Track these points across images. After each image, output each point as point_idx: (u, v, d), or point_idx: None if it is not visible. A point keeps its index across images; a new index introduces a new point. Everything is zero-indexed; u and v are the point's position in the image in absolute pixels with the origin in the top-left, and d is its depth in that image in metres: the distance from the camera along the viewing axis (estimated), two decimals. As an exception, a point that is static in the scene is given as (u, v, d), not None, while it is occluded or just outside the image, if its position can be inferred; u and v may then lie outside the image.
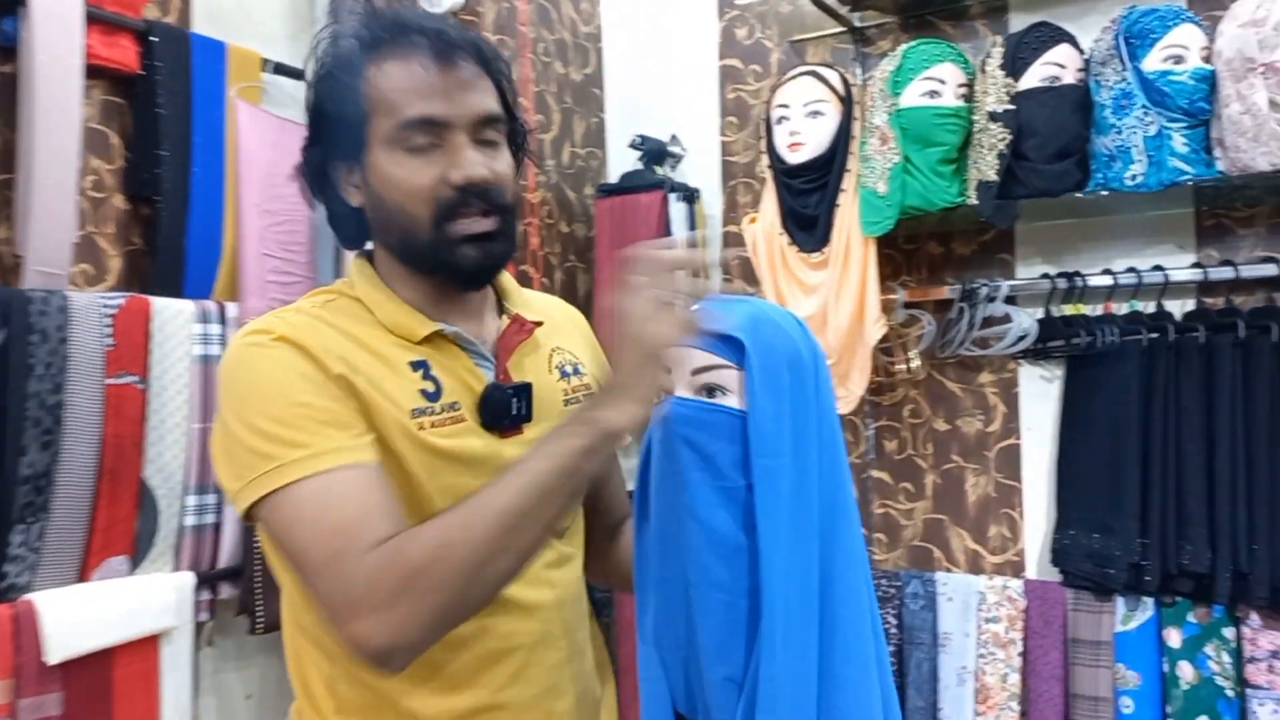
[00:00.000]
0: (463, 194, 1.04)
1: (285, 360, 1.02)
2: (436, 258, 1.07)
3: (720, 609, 0.95)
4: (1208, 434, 1.91)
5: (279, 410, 0.99)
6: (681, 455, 0.96)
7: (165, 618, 1.95)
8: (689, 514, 0.96)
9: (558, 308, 1.33)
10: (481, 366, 1.12)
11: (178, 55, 2.04)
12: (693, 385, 0.98)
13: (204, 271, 2.11)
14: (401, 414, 1.04)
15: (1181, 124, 1.77)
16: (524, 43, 2.40)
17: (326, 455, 0.97)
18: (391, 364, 1.07)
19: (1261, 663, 1.88)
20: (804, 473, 0.96)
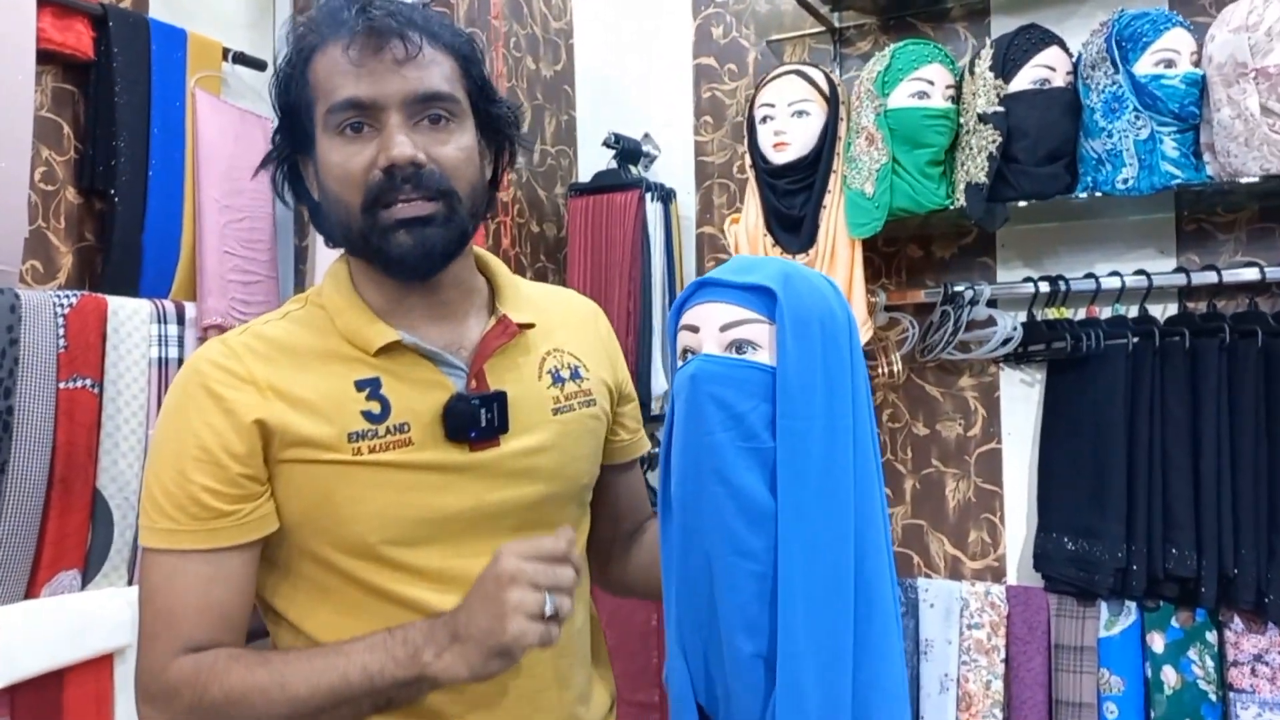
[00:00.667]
0: (390, 177, 0.99)
1: (196, 419, 1.00)
2: (369, 246, 1.03)
3: (749, 580, 0.91)
4: (1193, 437, 1.90)
5: (168, 475, 1.00)
6: (709, 415, 0.92)
7: (119, 635, 1.85)
8: (716, 478, 0.91)
9: (567, 303, 1.26)
10: (452, 376, 1.06)
11: (136, 42, 1.95)
12: (721, 341, 0.94)
13: (162, 269, 2.02)
14: (334, 438, 1.01)
15: (1172, 128, 1.76)
16: (495, 36, 2.33)
17: (188, 536, 0.99)
18: (334, 385, 1.03)
19: (1245, 666, 1.88)
20: (837, 437, 0.92)
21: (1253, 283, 1.93)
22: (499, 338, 1.10)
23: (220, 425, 0.99)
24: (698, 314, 0.97)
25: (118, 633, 1.85)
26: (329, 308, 1.08)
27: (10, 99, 1.71)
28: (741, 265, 0.97)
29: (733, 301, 0.94)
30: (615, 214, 2.35)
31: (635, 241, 2.33)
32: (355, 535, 1.02)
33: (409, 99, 1.01)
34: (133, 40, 1.95)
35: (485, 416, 1.05)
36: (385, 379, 1.04)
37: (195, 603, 0.98)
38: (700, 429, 0.92)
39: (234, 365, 1.02)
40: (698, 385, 0.93)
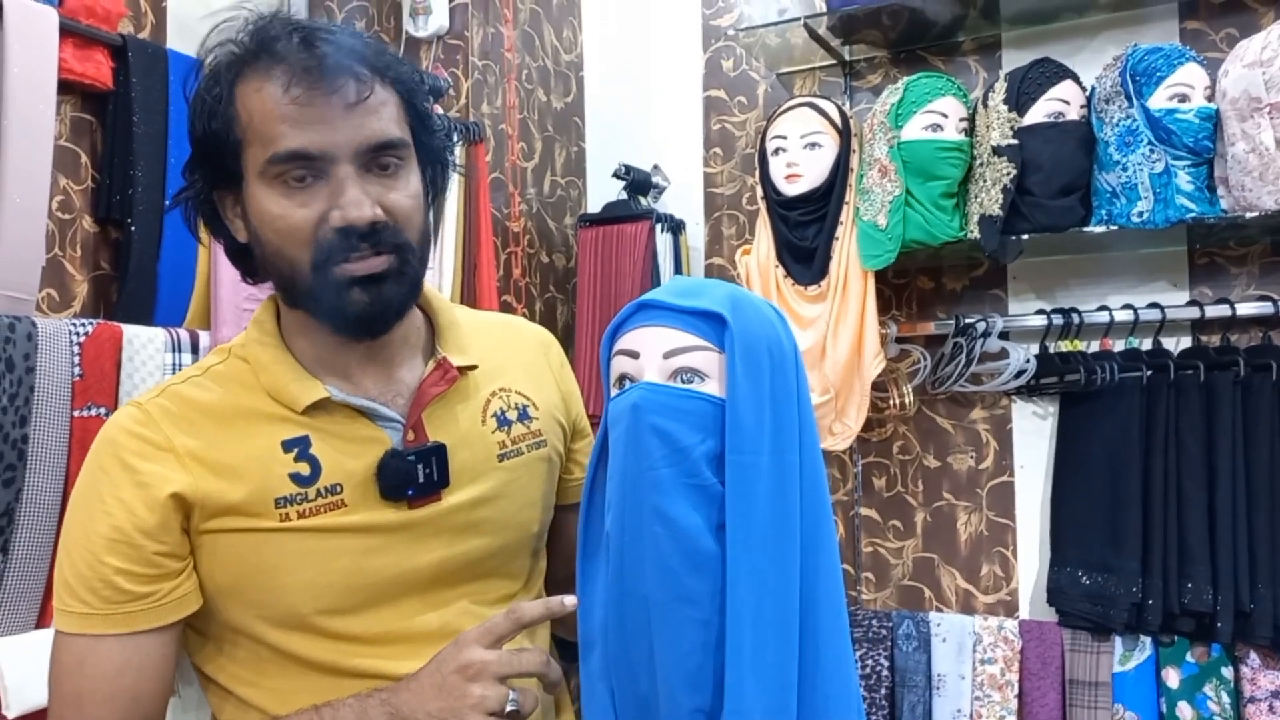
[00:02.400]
0: (345, 236, 0.91)
1: (109, 495, 0.93)
2: (321, 304, 0.94)
3: (692, 627, 0.84)
4: (1208, 471, 1.90)
5: (80, 556, 0.93)
6: (651, 449, 0.85)
7: (128, 666, 1.83)
8: (657, 517, 0.84)
9: (515, 335, 1.18)
10: (388, 429, 0.99)
11: (154, 72, 1.96)
12: (664, 369, 0.88)
13: (176, 298, 2.02)
14: (260, 505, 0.94)
15: (1186, 162, 1.77)
16: (509, 69, 2.35)
17: (101, 620, 0.92)
18: (259, 447, 0.96)
19: (1262, 703, 1.87)
20: (785, 472, 0.87)
21: (1266, 316, 1.93)
22: (437, 385, 1.02)
23: (133, 501, 0.92)
24: (638, 338, 0.90)
25: (126, 663, 1.83)
26: (252, 361, 1.00)
27: (32, 130, 1.72)
28: (684, 287, 0.91)
29: (678, 326, 0.88)
30: (625, 245, 2.36)
31: (645, 272, 2.34)
32: (286, 606, 0.95)
33: (361, 148, 0.92)
34: (151, 70, 1.96)
35: (423, 472, 0.98)
36: (315, 437, 0.97)
37: (105, 689, 0.92)
38: (641, 463, 0.86)
39: (149, 433, 0.95)
40: (640, 416, 0.86)
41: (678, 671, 0.84)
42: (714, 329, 0.88)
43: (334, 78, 0.90)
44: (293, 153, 0.90)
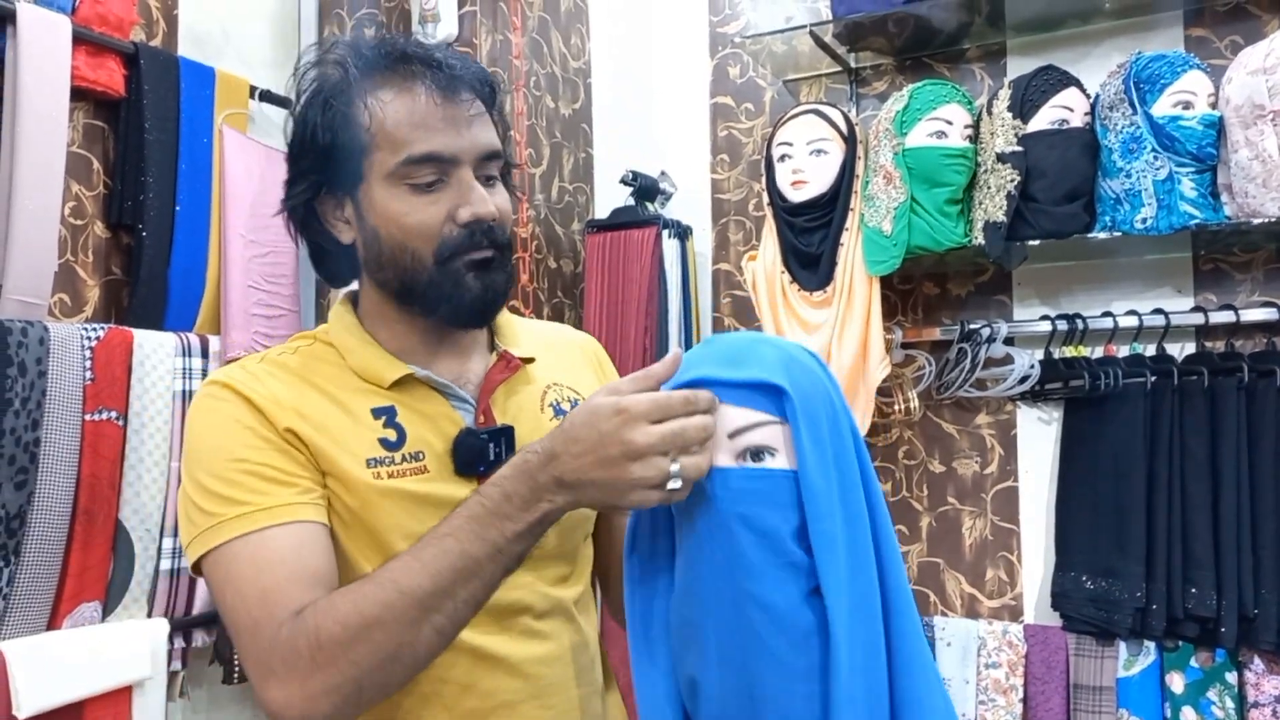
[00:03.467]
0: (469, 232, 1.02)
1: (232, 414, 1.01)
2: (439, 293, 1.04)
3: (803, 703, 0.83)
4: (1212, 476, 1.91)
5: (220, 466, 0.99)
6: (739, 538, 0.84)
7: (138, 668, 1.85)
8: (755, 604, 0.83)
9: (565, 338, 1.28)
10: (460, 410, 1.08)
11: (166, 80, 1.98)
12: (732, 449, 0.86)
13: (187, 303, 2.04)
14: (355, 464, 1.02)
15: (1190, 169, 1.78)
16: (516, 75, 2.37)
17: (264, 513, 0.97)
18: (352, 413, 1.04)
19: (1265, 708, 1.87)
20: (856, 530, 0.85)
21: (1270, 322, 1.94)
22: (502, 372, 1.12)
23: (259, 423, 1.00)
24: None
25: (137, 665, 1.85)
26: (339, 346, 1.10)
27: (45, 137, 1.74)
28: (730, 355, 0.89)
29: (739, 403, 0.86)
30: (632, 250, 2.37)
31: (652, 278, 2.35)
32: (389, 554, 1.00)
33: (480, 155, 1.03)
34: (163, 78, 1.98)
35: (494, 450, 1.05)
36: (400, 409, 1.06)
37: (286, 572, 0.94)
38: (731, 554, 0.84)
39: (256, 385, 1.03)
40: (720, 507, 0.85)
41: None
42: (772, 398, 0.86)
43: (459, 91, 1.02)
44: (427, 155, 1.01)
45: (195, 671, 2.11)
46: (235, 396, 1.02)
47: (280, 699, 0.91)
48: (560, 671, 1.10)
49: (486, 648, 1.04)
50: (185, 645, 2.02)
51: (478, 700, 1.04)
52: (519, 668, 1.06)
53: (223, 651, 2.05)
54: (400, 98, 1.01)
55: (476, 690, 1.03)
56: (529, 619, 1.08)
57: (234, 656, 2.02)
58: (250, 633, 0.93)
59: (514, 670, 1.06)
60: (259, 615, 0.93)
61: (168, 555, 1.95)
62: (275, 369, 1.06)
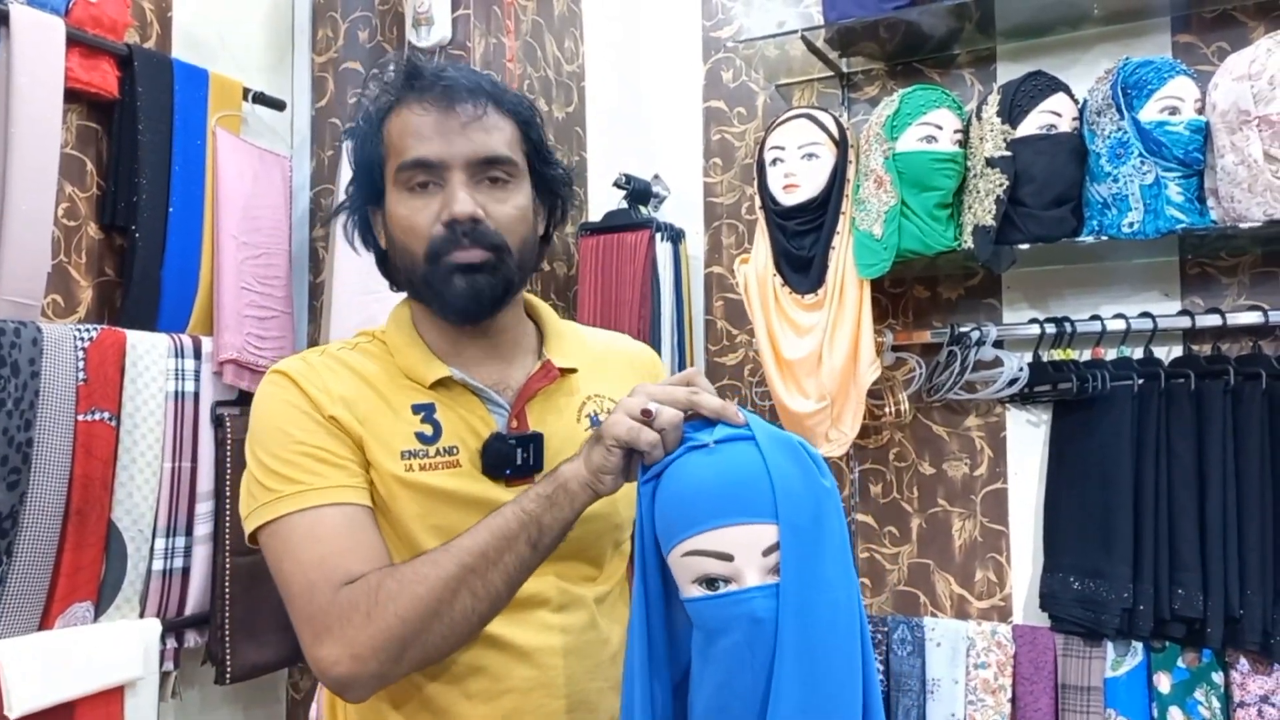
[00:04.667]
0: (451, 230, 1.08)
1: (290, 399, 1.10)
2: (431, 290, 1.11)
3: None
4: (1199, 478, 1.92)
5: (280, 447, 1.07)
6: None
7: (130, 668, 1.86)
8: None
9: (618, 348, 1.32)
10: (495, 414, 1.14)
11: (160, 82, 1.99)
12: (765, 566, 0.88)
13: (179, 304, 2.05)
14: (389, 455, 1.09)
15: (1176, 173, 1.80)
16: (510, 79, 2.38)
17: (318, 492, 1.05)
18: (393, 406, 1.12)
19: (1251, 707, 1.89)
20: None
21: (1256, 326, 1.95)
22: (541, 380, 1.17)
23: (310, 408, 1.09)
24: (727, 540, 0.89)
25: (129, 665, 1.86)
26: (390, 344, 1.17)
27: (39, 139, 1.75)
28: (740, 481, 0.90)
29: (762, 520, 0.88)
30: (625, 253, 2.39)
31: (645, 280, 2.36)
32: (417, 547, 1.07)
33: (472, 160, 1.09)
34: (156, 80, 1.99)
35: (521, 456, 1.11)
36: (439, 406, 1.13)
37: (343, 544, 1.03)
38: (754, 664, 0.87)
39: (310, 374, 1.11)
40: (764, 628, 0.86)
41: None
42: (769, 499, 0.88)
43: (454, 100, 1.09)
44: (416, 160, 1.09)
45: (188, 672, 2.12)
46: (291, 384, 1.10)
47: (330, 656, 0.98)
48: (574, 664, 1.14)
49: (502, 635, 1.09)
50: (178, 645, 2.03)
51: (488, 683, 1.09)
52: (532, 656, 1.11)
53: (215, 652, 2.05)
54: (405, 110, 1.11)
55: (487, 673, 1.09)
56: (546, 612, 1.13)
57: (226, 657, 2.02)
58: (306, 595, 1.01)
59: (526, 658, 1.10)
60: (315, 577, 1.01)
61: (160, 556, 1.95)
62: (332, 362, 1.14)
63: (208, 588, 2.05)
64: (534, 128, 1.16)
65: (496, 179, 1.11)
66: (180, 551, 1.99)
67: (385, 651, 0.97)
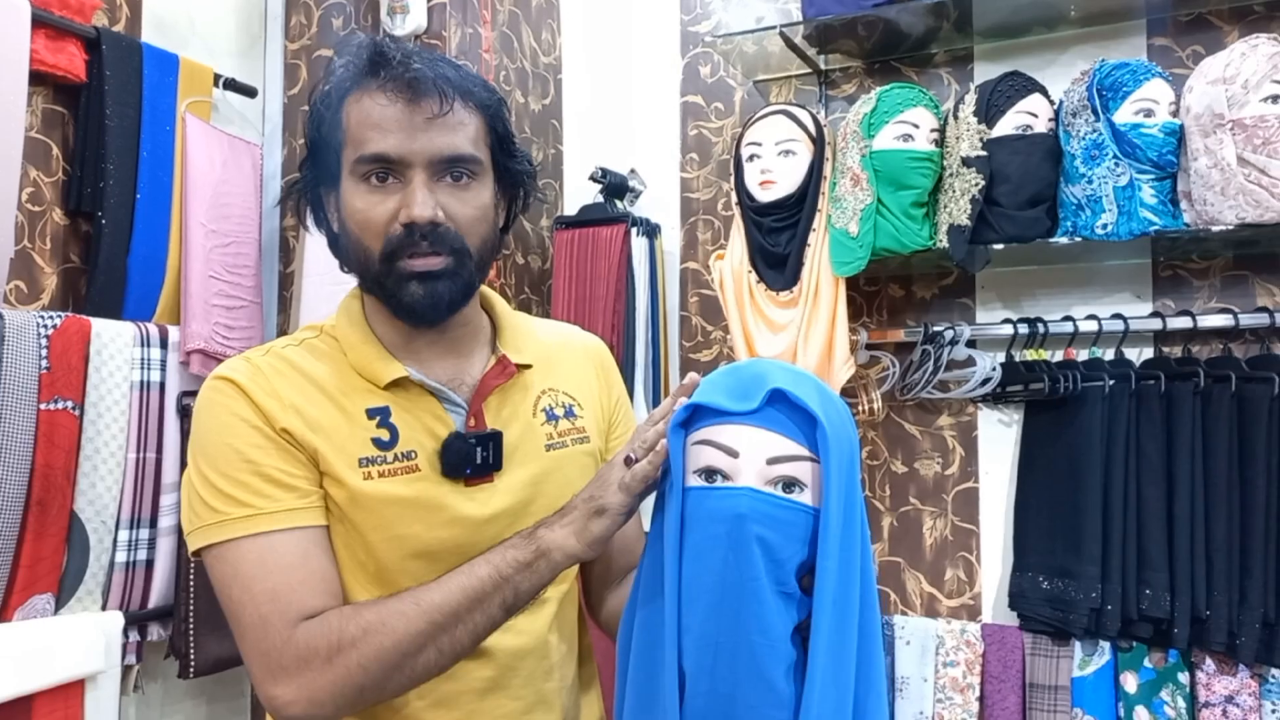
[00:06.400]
0: (409, 232, 1.04)
1: (239, 413, 1.04)
2: (384, 291, 1.08)
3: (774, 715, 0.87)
4: (1167, 480, 1.93)
5: (228, 466, 1.02)
6: (754, 559, 0.87)
7: (91, 661, 1.83)
8: (757, 627, 0.87)
9: (568, 342, 1.30)
10: (453, 413, 1.11)
11: (128, 66, 1.95)
12: (766, 475, 0.89)
13: (146, 293, 2.01)
14: (347, 464, 1.05)
15: (1150, 176, 1.81)
16: (486, 70, 2.35)
17: (268, 517, 1.01)
18: (347, 411, 1.07)
19: (1216, 708, 1.90)
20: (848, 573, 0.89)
21: (1226, 328, 1.97)
22: (497, 377, 1.14)
23: (263, 422, 1.04)
24: (739, 436, 0.90)
25: (90, 659, 1.82)
26: (342, 340, 1.13)
27: (3, 122, 1.71)
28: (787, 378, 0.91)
29: (780, 431, 0.89)
30: (600, 247, 2.37)
31: (620, 275, 2.35)
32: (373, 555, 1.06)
33: (435, 159, 1.05)
34: (125, 64, 1.95)
35: (481, 455, 1.09)
36: (394, 409, 1.09)
37: (298, 576, 1.00)
38: (744, 572, 0.88)
39: (258, 379, 1.06)
40: (746, 526, 0.88)
41: None
42: (807, 432, 0.90)
43: (419, 94, 1.04)
44: (376, 155, 1.04)
45: (150, 665, 2.09)
46: (239, 394, 1.04)
47: (286, 696, 0.96)
48: (533, 665, 1.14)
49: None
50: (140, 639, 2.00)
51: (450, 684, 1.07)
52: (494, 657, 1.10)
53: (178, 645, 2.02)
54: (366, 97, 1.05)
55: (451, 674, 1.06)
56: None
57: (190, 650, 1.99)
58: (259, 629, 0.98)
59: (488, 659, 1.09)
60: (268, 612, 0.98)
61: (123, 547, 1.92)
62: (279, 364, 1.09)
63: (171, 580, 2.02)
64: (500, 120, 1.12)
65: (459, 176, 1.07)
66: (144, 544, 1.96)
67: (344, 697, 0.96)
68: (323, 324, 1.17)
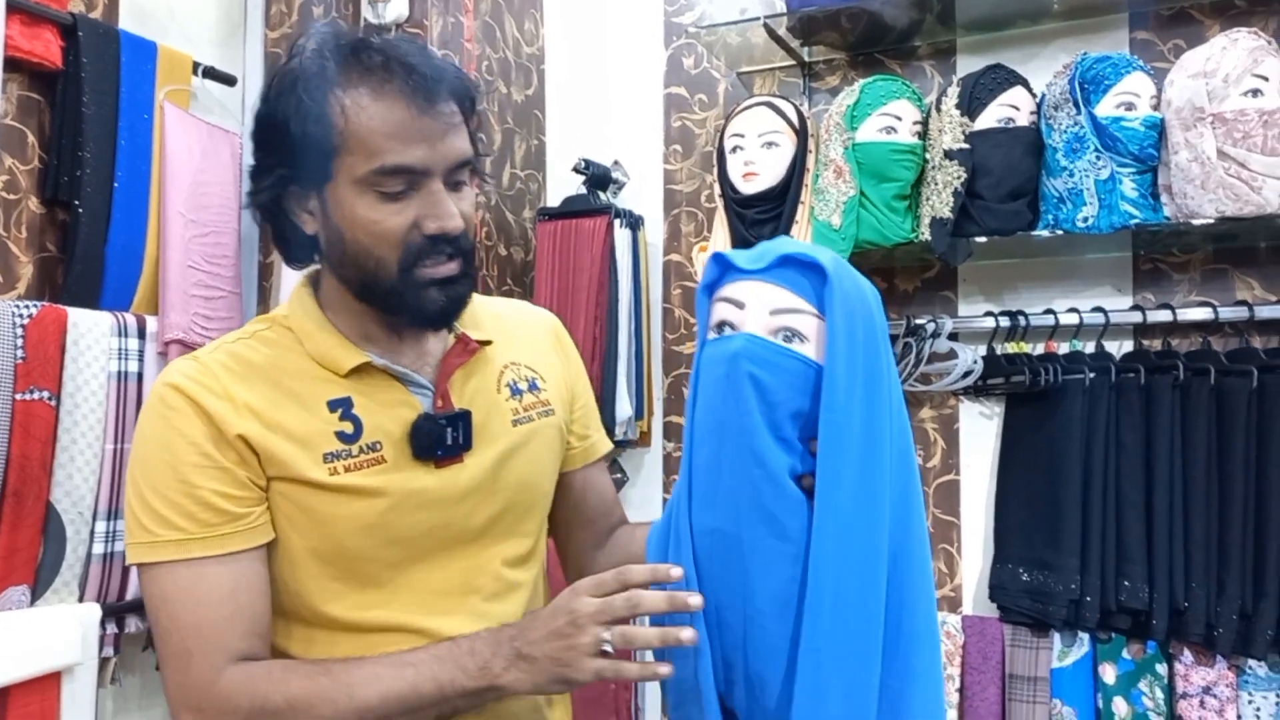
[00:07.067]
0: (433, 242, 1.02)
1: (182, 428, 1.00)
2: (401, 301, 1.04)
3: (784, 562, 0.91)
4: (1146, 473, 1.94)
5: (163, 483, 0.99)
6: (746, 395, 0.92)
7: (68, 654, 1.81)
8: (753, 459, 0.91)
9: (522, 316, 1.29)
10: (419, 395, 1.10)
11: (105, 53, 1.93)
12: (768, 325, 0.93)
13: (124, 283, 1.99)
14: (310, 462, 1.02)
15: (1131, 169, 1.81)
16: (468, 60, 2.34)
17: (200, 542, 0.98)
18: (307, 405, 1.05)
19: (1194, 698, 1.91)
20: (875, 441, 0.92)
21: (1206, 322, 1.97)
22: (460, 355, 1.13)
23: (208, 433, 1.00)
24: (746, 290, 0.95)
25: (66, 651, 1.81)
26: (297, 331, 1.10)
27: (-24, 106, 1.69)
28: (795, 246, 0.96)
29: (786, 286, 0.93)
30: (583, 239, 2.36)
31: (603, 267, 2.34)
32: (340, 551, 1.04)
33: (451, 166, 1.03)
34: (102, 51, 1.93)
35: (451, 435, 1.08)
36: (356, 399, 1.06)
37: (225, 611, 0.98)
38: (737, 407, 0.92)
39: (209, 381, 1.03)
40: (738, 364, 0.92)
41: (770, 602, 0.91)
42: (816, 293, 0.93)
43: (433, 99, 1.00)
44: (400, 167, 0.99)
45: (128, 658, 2.07)
46: (187, 404, 1.01)
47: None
48: None
49: (429, 627, 1.06)
50: (118, 631, 1.98)
51: None
52: None
53: (157, 638, 2.01)
54: (377, 103, 0.99)
55: None
56: (478, 600, 1.11)
57: (168, 643, 1.98)
58: (181, 662, 0.97)
59: None
60: (192, 647, 0.97)
61: (101, 539, 1.90)
62: (232, 362, 1.06)
63: (150, 572, 2.00)
64: (478, 116, 1.11)
65: (460, 181, 1.05)
66: (121, 535, 1.94)
67: None
68: (274, 315, 1.14)
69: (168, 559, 0.98)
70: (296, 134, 1.01)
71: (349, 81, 1.00)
